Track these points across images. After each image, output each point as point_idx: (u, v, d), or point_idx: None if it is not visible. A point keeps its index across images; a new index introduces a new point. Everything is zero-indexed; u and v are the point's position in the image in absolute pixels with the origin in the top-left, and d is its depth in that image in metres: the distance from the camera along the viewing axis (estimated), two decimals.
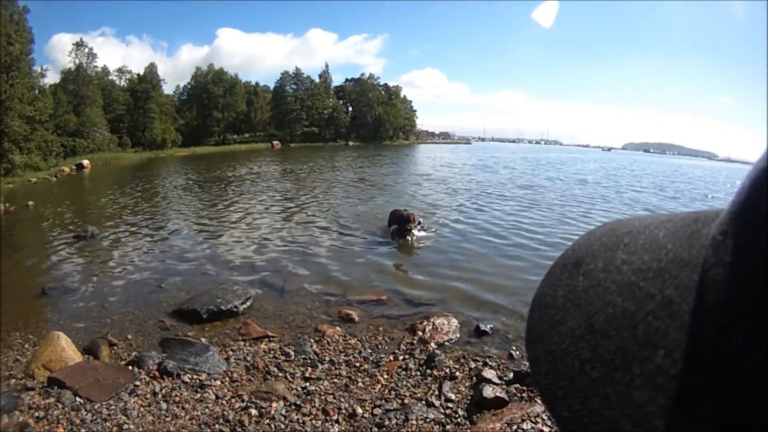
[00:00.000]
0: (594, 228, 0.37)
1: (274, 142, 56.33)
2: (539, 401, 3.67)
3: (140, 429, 3.25)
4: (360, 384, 3.95)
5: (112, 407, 3.47)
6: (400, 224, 9.43)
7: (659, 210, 14.61)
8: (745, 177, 0.23)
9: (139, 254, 8.14)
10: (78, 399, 3.53)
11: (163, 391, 3.73)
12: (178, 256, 8.09)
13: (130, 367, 4.07)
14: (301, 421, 3.41)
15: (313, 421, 3.41)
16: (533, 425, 3.39)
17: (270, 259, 7.82)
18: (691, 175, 42.09)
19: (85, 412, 3.38)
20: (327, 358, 4.35)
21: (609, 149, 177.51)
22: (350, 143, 64.35)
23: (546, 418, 3.46)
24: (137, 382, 3.82)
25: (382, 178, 22.07)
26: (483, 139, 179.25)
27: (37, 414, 3.32)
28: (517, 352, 4.59)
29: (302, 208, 12.91)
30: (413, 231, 9.41)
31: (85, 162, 28.72)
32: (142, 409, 3.49)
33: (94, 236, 9.05)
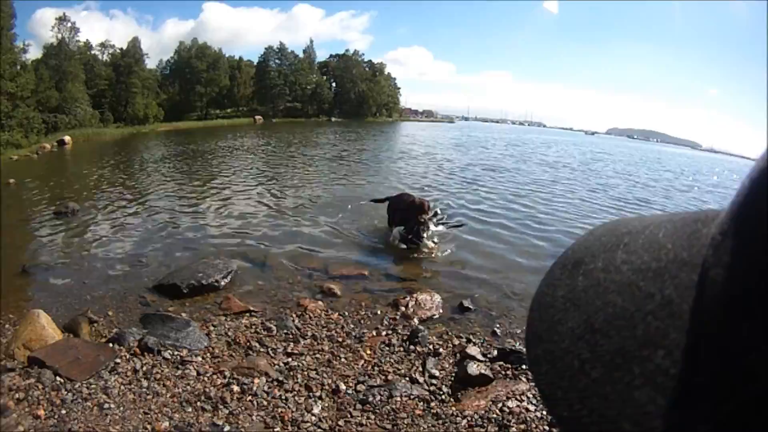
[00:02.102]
0: (594, 228, 0.37)
1: (257, 117, 55.35)
2: (524, 379, 3.67)
3: (121, 408, 3.16)
4: (343, 359, 3.90)
5: (93, 386, 3.37)
6: (408, 217, 6.73)
7: (630, 198, 14.45)
8: (745, 177, 0.23)
9: (119, 229, 7.95)
10: (58, 378, 3.41)
11: (144, 369, 3.63)
12: (158, 230, 7.95)
13: (111, 345, 3.94)
14: (283, 397, 3.35)
15: (296, 398, 3.35)
16: (518, 403, 3.38)
17: (251, 234, 7.70)
18: (674, 163, 41.81)
19: (66, 392, 3.27)
20: (309, 333, 4.29)
21: (593, 133, 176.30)
22: (333, 119, 63.45)
23: (531, 396, 3.45)
24: (118, 360, 3.70)
25: (359, 154, 21.83)
26: (467, 119, 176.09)
27: (17, 395, 3.19)
28: (501, 329, 4.57)
29: (283, 184, 12.74)
30: (429, 225, 6.79)
31: (67, 138, 27.70)
32: (122, 387, 3.39)
33: (74, 213, 8.78)
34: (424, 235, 6.65)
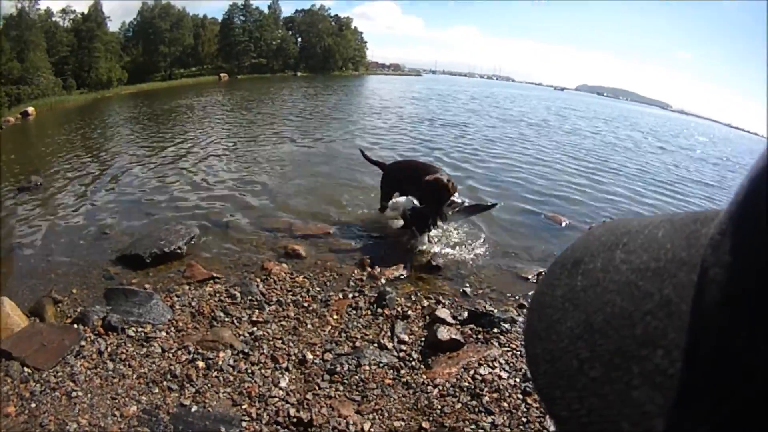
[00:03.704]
0: (593, 228, 0.36)
1: (222, 75, 52.84)
2: (495, 344, 3.53)
3: (89, 395, 2.97)
4: (309, 326, 3.73)
5: (60, 374, 3.16)
6: (431, 201, 4.97)
7: (592, 153, 13.92)
8: (744, 176, 0.22)
9: (82, 200, 7.47)
10: (26, 369, 3.18)
11: (109, 349, 3.41)
12: (121, 199, 7.49)
13: (75, 326, 3.70)
14: (250, 371, 3.20)
15: (263, 371, 3.20)
16: (491, 370, 3.25)
17: (212, 196, 7.36)
18: (643, 123, 39.03)
19: (34, 383, 3.06)
20: (274, 299, 4.10)
21: (562, 89, 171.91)
22: (298, 74, 61.42)
23: (503, 362, 3.33)
24: (83, 342, 3.48)
25: (320, 109, 20.97)
26: (434, 72, 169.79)
27: None
28: (471, 289, 4.40)
29: (245, 143, 12.13)
30: (447, 215, 5.08)
31: (30, 109, 25.73)
32: (89, 371, 3.18)
33: (38, 186, 8.23)
34: (443, 225, 5.36)
